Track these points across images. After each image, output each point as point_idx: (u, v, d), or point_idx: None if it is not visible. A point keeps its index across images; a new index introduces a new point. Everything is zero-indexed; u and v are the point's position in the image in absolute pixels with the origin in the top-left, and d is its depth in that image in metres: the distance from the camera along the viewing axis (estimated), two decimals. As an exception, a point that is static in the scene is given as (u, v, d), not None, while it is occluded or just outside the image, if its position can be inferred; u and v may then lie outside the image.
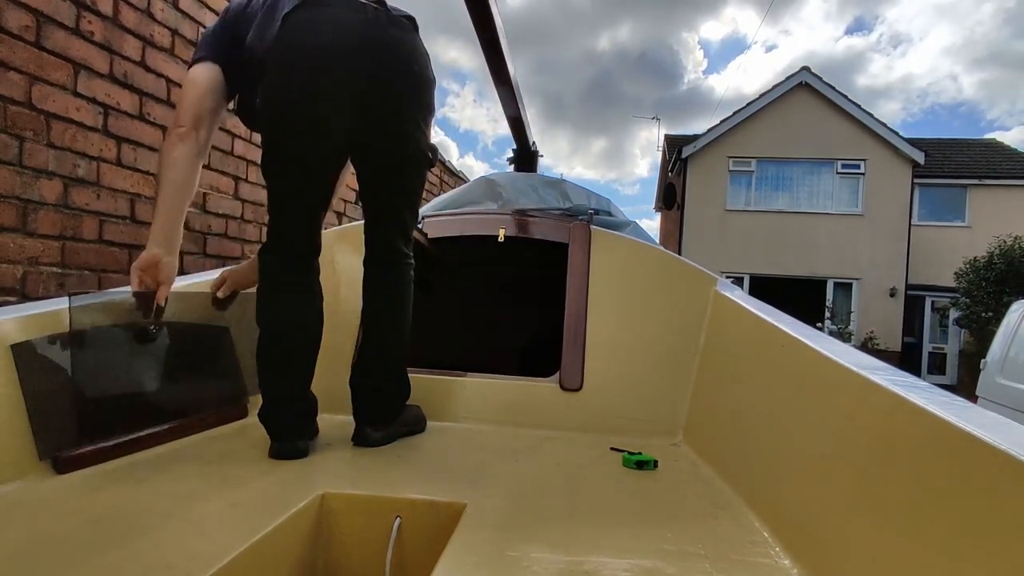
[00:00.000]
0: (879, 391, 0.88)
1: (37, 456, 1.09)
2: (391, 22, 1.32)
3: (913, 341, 13.41)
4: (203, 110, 1.43)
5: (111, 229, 2.10)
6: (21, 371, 1.11)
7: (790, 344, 1.24)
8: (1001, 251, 10.65)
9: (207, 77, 1.44)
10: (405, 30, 1.35)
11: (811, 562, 0.87)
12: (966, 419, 0.71)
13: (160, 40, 2.28)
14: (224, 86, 1.46)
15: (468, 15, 2.05)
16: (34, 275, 1.81)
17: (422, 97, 1.39)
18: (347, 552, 1.05)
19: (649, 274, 1.90)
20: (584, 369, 1.76)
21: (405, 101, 1.35)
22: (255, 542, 0.86)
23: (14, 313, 1.17)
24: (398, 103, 1.34)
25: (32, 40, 1.76)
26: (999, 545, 0.60)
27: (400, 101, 1.34)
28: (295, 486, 1.08)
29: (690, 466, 1.40)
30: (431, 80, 1.41)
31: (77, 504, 0.97)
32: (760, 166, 13.31)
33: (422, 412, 1.62)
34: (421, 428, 1.59)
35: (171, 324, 1.49)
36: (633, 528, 1.01)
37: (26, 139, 1.76)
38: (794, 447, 1.09)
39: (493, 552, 0.88)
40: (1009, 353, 4.43)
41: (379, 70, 1.30)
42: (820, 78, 13.00)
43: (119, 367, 1.33)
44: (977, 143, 16.30)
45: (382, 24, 1.30)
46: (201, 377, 1.57)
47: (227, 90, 1.48)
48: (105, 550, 0.81)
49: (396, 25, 1.33)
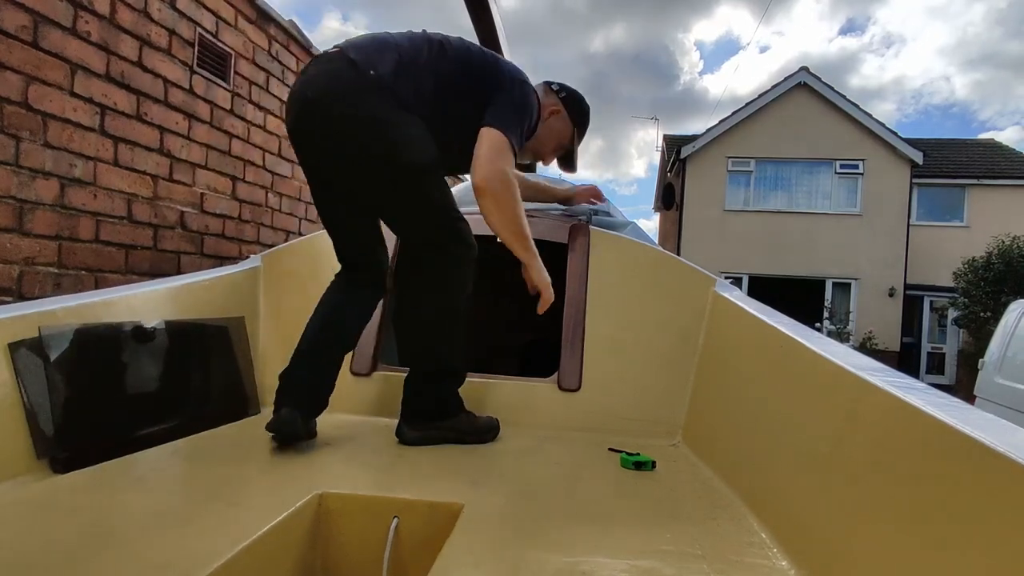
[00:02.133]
0: (877, 392, 0.88)
1: (35, 455, 1.09)
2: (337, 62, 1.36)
3: (912, 341, 13.42)
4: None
5: (108, 229, 2.10)
6: (19, 370, 1.11)
7: (788, 345, 1.24)
8: (999, 251, 10.64)
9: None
10: (344, 66, 1.35)
11: (809, 563, 0.87)
12: (963, 420, 0.71)
13: (157, 40, 2.28)
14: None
15: (465, 16, 2.05)
16: (30, 275, 1.81)
17: (367, 123, 1.33)
18: (345, 552, 1.05)
19: (648, 275, 1.90)
20: (583, 369, 1.76)
21: (349, 128, 1.33)
22: (253, 541, 0.85)
23: (11, 312, 1.17)
24: (342, 134, 1.33)
25: (29, 40, 1.76)
26: (997, 546, 0.60)
27: (344, 130, 1.33)
28: (293, 486, 1.08)
29: (688, 467, 1.40)
30: (392, 113, 1.35)
31: (74, 503, 0.97)
32: (759, 166, 13.31)
33: (492, 423, 1.55)
34: (479, 439, 1.51)
35: (170, 323, 1.49)
36: (631, 528, 1.00)
37: (23, 139, 1.76)
38: (792, 448, 1.09)
39: (491, 552, 0.88)
40: (1007, 353, 4.44)
41: (322, 109, 1.34)
42: (819, 78, 13.01)
43: (118, 366, 1.33)
44: (975, 143, 16.32)
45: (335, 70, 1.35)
46: (199, 376, 1.57)
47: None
48: (103, 549, 0.81)
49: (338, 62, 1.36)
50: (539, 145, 1.67)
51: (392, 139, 1.34)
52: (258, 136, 2.98)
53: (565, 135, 1.68)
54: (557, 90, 1.67)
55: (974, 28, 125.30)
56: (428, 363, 1.51)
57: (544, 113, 1.60)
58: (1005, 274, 10.30)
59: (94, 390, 1.25)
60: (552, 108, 1.64)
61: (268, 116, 3.06)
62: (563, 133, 1.68)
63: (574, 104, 1.68)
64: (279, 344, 1.84)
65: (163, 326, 1.47)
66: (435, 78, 1.41)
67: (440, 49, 1.45)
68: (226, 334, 1.69)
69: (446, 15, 36.68)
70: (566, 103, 1.66)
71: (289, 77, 3.22)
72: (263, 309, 1.89)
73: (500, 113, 1.41)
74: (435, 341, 1.50)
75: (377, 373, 1.78)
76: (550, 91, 1.67)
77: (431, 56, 1.43)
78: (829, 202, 13.05)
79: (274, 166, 3.14)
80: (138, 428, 1.30)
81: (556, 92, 1.67)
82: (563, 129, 1.67)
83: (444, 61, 1.43)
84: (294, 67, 3.26)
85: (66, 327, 1.22)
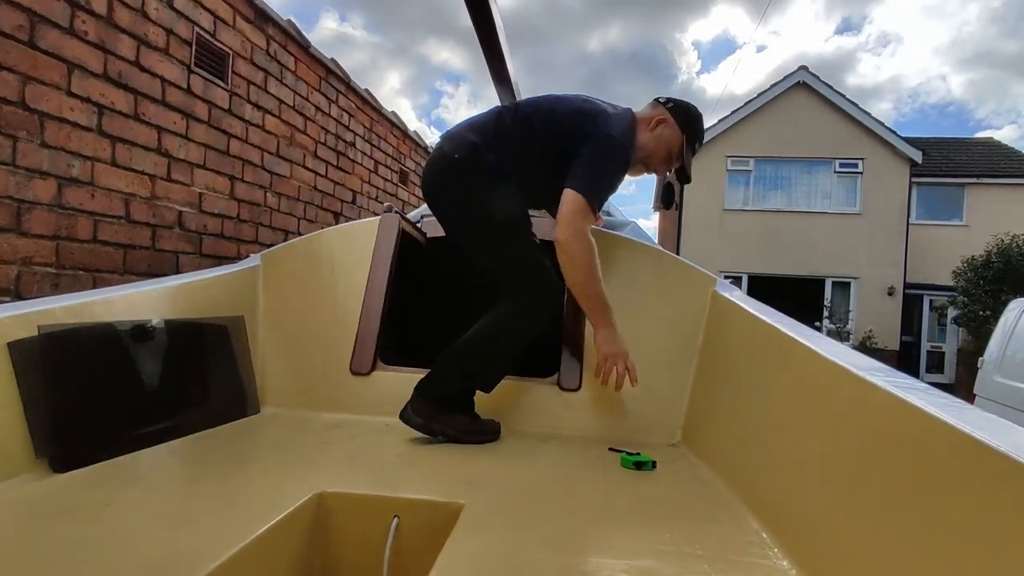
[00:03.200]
0: (876, 392, 0.88)
1: (34, 455, 1.09)
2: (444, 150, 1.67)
3: (911, 340, 13.43)
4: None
5: (106, 229, 2.09)
6: (18, 369, 1.10)
7: (788, 345, 1.23)
8: (999, 250, 10.64)
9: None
10: (454, 154, 1.64)
11: (809, 562, 0.87)
12: (963, 420, 0.70)
13: (155, 40, 2.27)
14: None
15: (462, 16, 2.04)
16: (28, 275, 1.80)
17: (462, 196, 1.63)
18: (345, 551, 1.05)
19: (647, 274, 1.90)
20: (583, 369, 1.76)
21: (445, 200, 1.69)
22: (253, 541, 0.85)
23: (10, 311, 1.17)
24: (440, 200, 1.70)
25: (25, 40, 1.75)
26: (996, 545, 0.60)
27: (440, 199, 1.70)
28: (293, 485, 1.07)
29: (688, 466, 1.40)
30: (471, 184, 1.62)
31: (73, 502, 0.97)
32: (758, 165, 13.31)
33: (493, 427, 1.58)
34: (477, 440, 1.53)
35: (169, 323, 1.49)
36: (631, 528, 1.00)
37: (20, 139, 1.76)
38: (792, 447, 1.08)
39: (491, 552, 0.88)
40: (1007, 352, 4.44)
41: (432, 188, 1.69)
42: (818, 77, 13.00)
43: (117, 365, 1.33)
44: (974, 142, 16.32)
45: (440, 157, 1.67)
46: (199, 376, 1.57)
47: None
48: (102, 548, 0.80)
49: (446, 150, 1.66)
50: (648, 156, 1.72)
51: (466, 205, 1.63)
52: (256, 136, 2.98)
53: (675, 143, 1.72)
54: (664, 102, 1.74)
55: (969, 27, 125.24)
56: (472, 364, 1.58)
57: (652, 124, 1.70)
58: (1004, 273, 10.30)
59: (93, 390, 1.25)
60: (659, 118, 1.70)
61: (266, 116, 3.05)
62: (672, 141, 1.71)
63: (681, 112, 1.72)
64: (278, 343, 1.84)
65: (162, 325, 1.46)
66: (518, 143, 1.62)
67: (518, 115, 1.67)
68: (225, 334, 1.68)
69: (445, 16, 36.72)
70: (673, 112, 1.71)
71: (287, 77, 3.21)
72: (262, 309, 1.89)
73: (583, 172, 1.55)
74: (489, 352, 1.60)
75: (377, 373, 1.78)
76: (657, 104, 1.74)
77: (512, 124, 1.65)
78: (828, 201, 13.05)
79: (272, 166, 3.14)
80: (137, 427, 1.29)
81: (663, 104, 1.73)
82: (671, 137, 1.71)
83: (526, 125, 1.64)
84: (292, 67, 3.26)
85: (65, 326, 1.22)
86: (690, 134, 1.72)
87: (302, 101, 3.38)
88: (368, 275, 1.90)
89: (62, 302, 1.29)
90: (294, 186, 3.34)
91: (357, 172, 4.14)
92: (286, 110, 3.23)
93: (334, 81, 3.73)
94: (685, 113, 1.72)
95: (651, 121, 1.69)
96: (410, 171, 5.13)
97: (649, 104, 1.76)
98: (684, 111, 1.72)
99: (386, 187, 4.66)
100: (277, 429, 1.55)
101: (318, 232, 2.06)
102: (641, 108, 1.75)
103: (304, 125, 3.42)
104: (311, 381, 1.79)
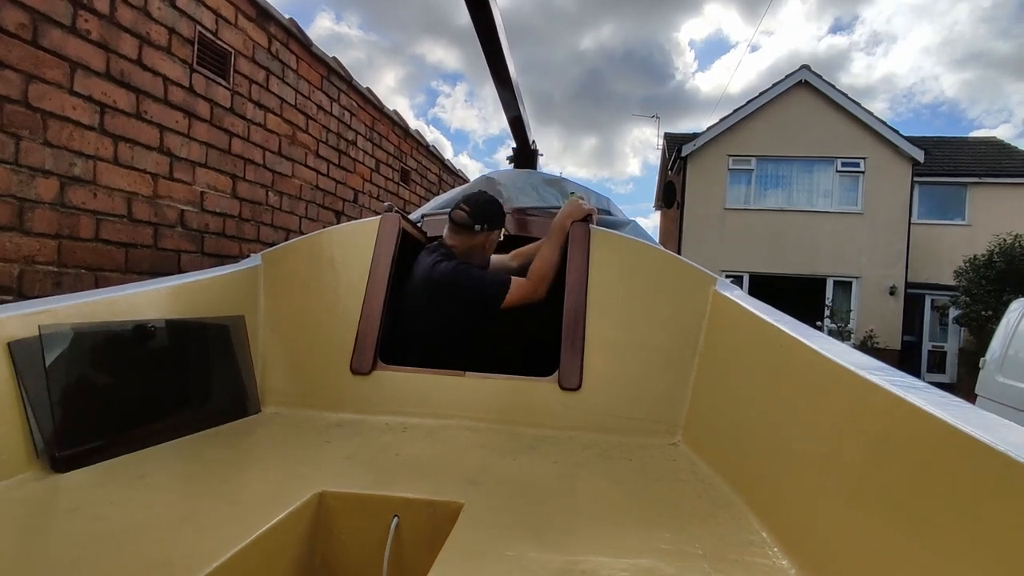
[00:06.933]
0: (877, 391, 0.88)
1: (35, 454, 1.09)
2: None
3: (913, 339, 13.40)
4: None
5: (108, 228, 2.10)
6: (19, 369, 1.11)
7: (789, 344, 1.23)
8: (1001, 249, 10.62)
9: None
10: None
11: (809, 562, 0.87)
12: (963, 419, 0.70)
13: (157, 38, 2.28)
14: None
15: (457, 15, 2.04)
16: (30, 274, 1.80)
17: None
18: (345, 551, 1.05)
19: (648, 273, 1.90)
20: (583, 368, 1.76)
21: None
22: (253, 540, 0.85)
23: (12, 311, 1.17)
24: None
25: (28, 39, 1.76)
26: (996, 545, 0.60)
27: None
28: (293, 484, 1.08)
29: (689, 465, 1.40)
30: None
31: (75, 502, 0.97)
32: (760, 164, 13.29)
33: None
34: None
35: (170, 322, 1.49)
36: (631, 527, 1.00)
37: (22, 138, 1.76)
38: (793, 447, 1.08)
39: (491, 551, 0.88)
40: (1008, 352, 4.43)
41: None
42: (820, 76, 12.98)
43: (118, 364, 1.33)
44: (977, 141, 16.26)
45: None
46: (200, 375, 1.57)
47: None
48: (103, 548, 0.81)
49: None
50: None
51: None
52: (258, 134, 2.98)
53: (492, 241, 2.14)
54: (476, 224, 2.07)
55: (960, 27, 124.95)
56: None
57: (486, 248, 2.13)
58: (1006, 272, 10.28)
59: (94, 389, 1.25)
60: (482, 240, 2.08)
61: (268, 114, 3.05)
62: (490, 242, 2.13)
63: (485, 219, 2.06)
64: (279, 343, 1.84)
65: (163, 325, 1.47)
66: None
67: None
68: (226, 333, 1.69)
69: (439, 15, 36.52)
70: (489, 227, 2.07)
71: (289, 75, 3.22)
72: (263, 308, 1.89)
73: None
74: None
75: (377, 372, 1.78)
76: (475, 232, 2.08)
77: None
78: (830, 200, 13.03)
79: (274, 164, 3.14)
80: (138, 427, 1.29)
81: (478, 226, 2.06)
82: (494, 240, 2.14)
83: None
84: (294, 65, 3.26)
85: (66, 326, 1.22)
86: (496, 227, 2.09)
87: (304, 100, 3.38)
88: (368, 274, 1.91)
89: (63, 302, 1.29)
90: (296, 185, 3.34)
91: (359, 171, 4.14)
92: (288, 109, 3.23)
93: (336, 80, 3.73)
94: (490, 219, 2.05)
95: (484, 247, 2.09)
96: (411, 170, 5.13)
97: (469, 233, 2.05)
98: (488, 218, 2.04)
99: (387, 186, 4.66)
100: (278, 429, 1.56)
101: (319, 231, 2.06)
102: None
103: (306, 124, 3.42)
104: (312, 381, 1.79)
